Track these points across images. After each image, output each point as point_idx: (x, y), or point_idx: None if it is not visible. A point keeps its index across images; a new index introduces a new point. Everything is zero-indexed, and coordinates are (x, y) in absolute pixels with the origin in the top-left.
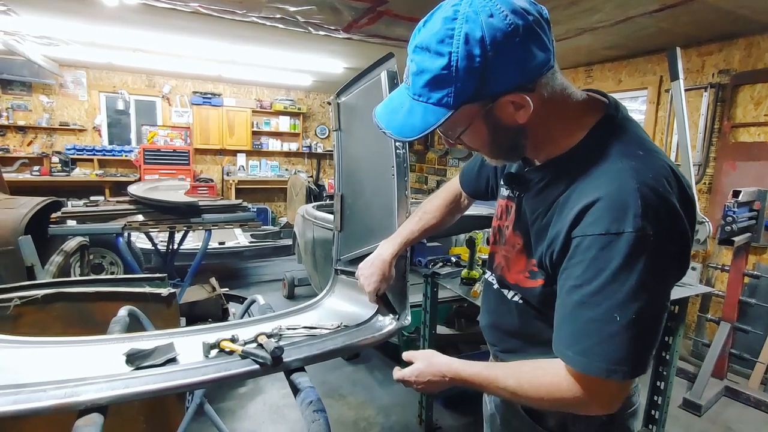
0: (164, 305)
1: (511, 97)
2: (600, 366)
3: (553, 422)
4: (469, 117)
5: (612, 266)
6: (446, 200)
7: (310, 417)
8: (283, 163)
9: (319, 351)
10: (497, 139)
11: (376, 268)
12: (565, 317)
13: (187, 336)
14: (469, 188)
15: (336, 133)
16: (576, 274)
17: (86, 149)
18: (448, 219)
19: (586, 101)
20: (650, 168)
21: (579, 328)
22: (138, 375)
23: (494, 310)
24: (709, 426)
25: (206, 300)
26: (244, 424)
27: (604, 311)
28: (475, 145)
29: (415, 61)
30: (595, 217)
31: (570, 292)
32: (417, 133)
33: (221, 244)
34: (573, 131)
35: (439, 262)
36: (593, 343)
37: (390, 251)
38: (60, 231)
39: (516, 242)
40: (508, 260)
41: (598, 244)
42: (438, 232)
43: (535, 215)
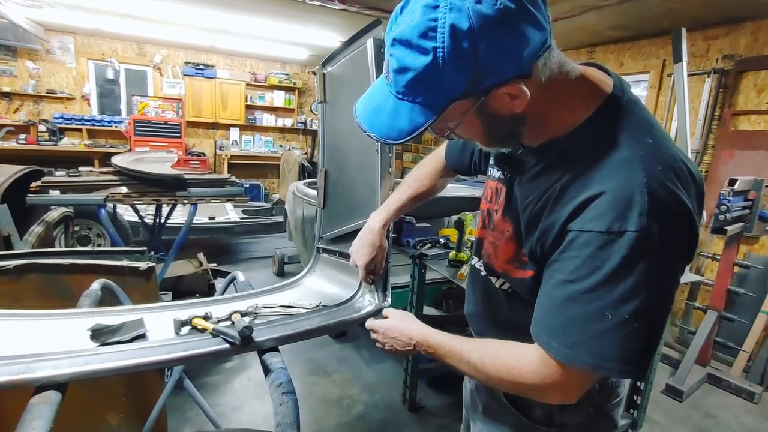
0: (143, 279)
1: (506, 88)
2: (586, 359)
3: (540, 413)
4: (460, 112)
5: (609, 266)
6: (435, 167)
7: (279, 399)
8: (278, 139)
9: (294, 331)
10: (493, 130)
11: (366, 239)
12: (551, 309)
13: (159, 312)
14: (452, 161)
15: (321, 105)
16: (569, 269)
17: (75, 118)
18: (438, 185)
19: (586, 78)
20: (659, 159)
21: (567, 322)
22: (100, 351)
23: (481, 298)
24: (689, 411)
25: (192, 275)
26: (228, 398)
27: (596, 309)
28: (469, 136)
29: (396, 57)
30: (597, 212)
31: (560, 285)
32: (405, 135)
33: (211, 219)
34: (573, 112)
35: (428, 243)
36: (581, 338)
37: (378, 220)
38: (38, 201)
39: (505, 229)
40: (496, 248)
41: (597, 242)
42: (428, 198)
43: (526, 202)
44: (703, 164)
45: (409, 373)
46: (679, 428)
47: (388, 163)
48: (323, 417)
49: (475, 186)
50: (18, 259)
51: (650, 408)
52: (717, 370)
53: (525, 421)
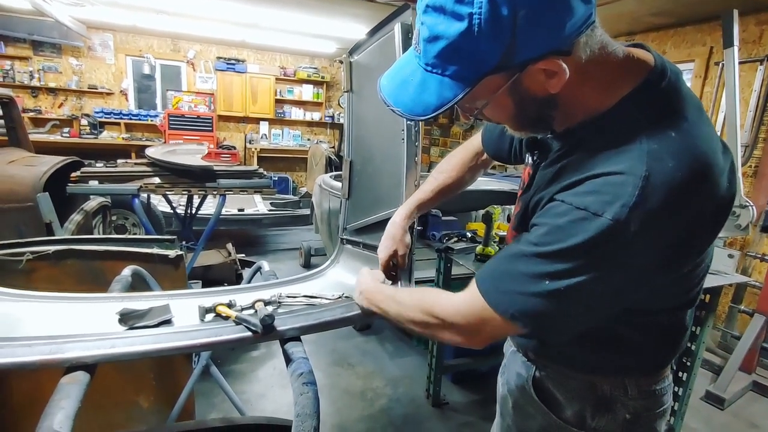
0: (172, 267)
1: (543, 64)
2: (508, 308)
3: (570, 413)
4: (491, 89)
5: (571, 242)
6: (464, 159)
7: (300, 389)
8: (306, 133)
9: (315, 321)
10: (523, 112)
11: (387, 232)
12: (502, 259)
13: (186, 298)
14: (491, 148)
15: (347, 94)
16: (536, 234)
17: (113, 113)
18: (467, 178)
19: (629, 61)
20: (677, 156)
21: (508, 273)
22: (127, 335)
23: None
24: (731, 420)
25: (221, 264)
26: (253, 386)
27: (538, 272)
28: (497, 118)
29: (427, 25)
30: (587, 189)
31: (521, 243)
32: (431, 111)
33: (240, 211)
34: (607, 97)
35: (454, 237)
36: (513, 289)
37: (401, 214)
38: (77, 190)
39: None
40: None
41: (571, 216)
42: (456, 192)
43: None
44: (754, 158)
45: (433, 368)
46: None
47: (414, 152)
48: (345, 409)
49: (504, 180)
50: (57, 245)
51: (688, 414)
52: (763, 378)
53: (555, 419)
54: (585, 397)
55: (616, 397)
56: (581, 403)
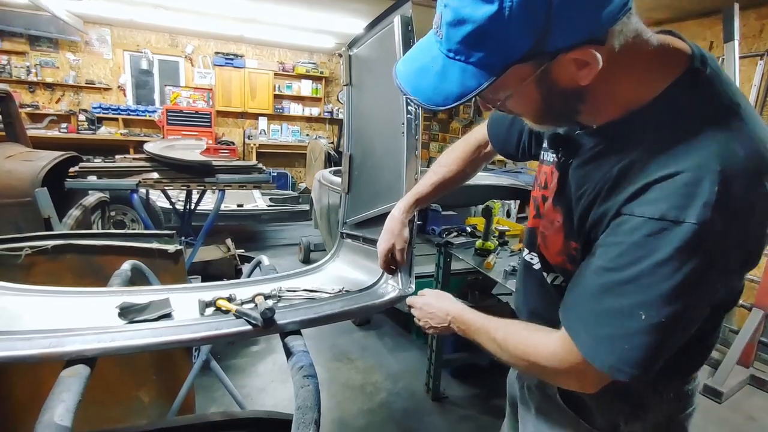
0: (171, 262)
1: (576, 53)
2: (606, 360)
3: (602, 420)
4: (518, 79)
5: (655, 258)
6: (465, 152)
7: (300, 382)
8: (304, 128)
9: (316, 315)
10: (549, 104)
11: (386, 226)
12: (585, 296)
13: (185, 293)
14: (497, 142)
15: (347, 88)
16: (609, 256)
17: (111, 108)
18: (467, 172)
19: (664, 49)
20: (744, 145)
21: (598, 313)
22: (127, 329)
23: (534, 295)
24: (728, 413)
25: (220, 260)
26: (253, 381)
27: (630, 305)
28: (520, 110)
29: (452, 7)
30: (656, 196)
31: (598, 272)
32: (452, 100)
33: (239, 207)
34: (644, 88)
35: (454, 232)
36: (608, 333)
37: (400, 208)
38: (76, 185)
39: (555, 219)
40: (546, 238)
41: (646, 229)
42: (456, 186)
43: (582, 190)
44: None
45: (433, 363)
46: (716, 431)
47: (414, 146)
48: (345, 403)
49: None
50: (56, 239)
51: None
52: (761, 371)
53: (586, 426)
54: (618, 404)
55: (651, 401)
56: (614, 409)
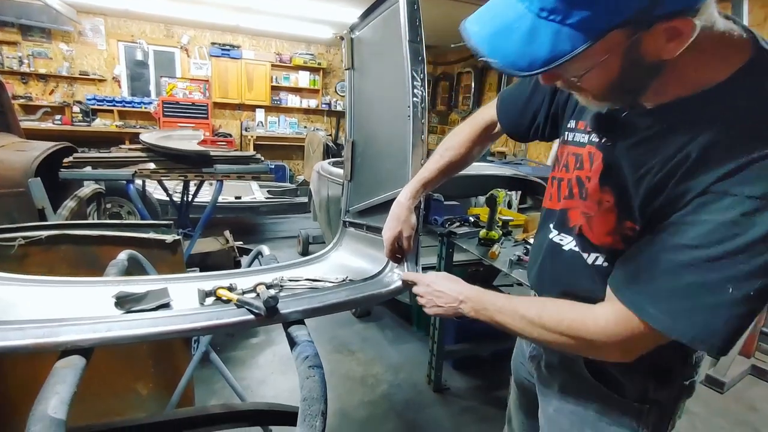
0: (169, 252)
1: (675, 22)
2: (688, 332)
3: (632, 390)
4: (607, 48)
5: (751, 236)
6: (472, 134)
7: (305, 372)
8: (302, 120)
9: (320, 304)
10: (623, 79)
11: (393, 213)
12: (655, 272)
13: (184, 282)
14: (509, 122)
15: (348, 72)
16: (693, 234)
17: (106, 100)
18: (474, 154)
19: (729, 31)
20: None
21: (674, 288)
22: (124, 318)
23: (567, 276)
24: (731, 404)
25: (219, 251)
26: (253, 373)
27: (718, 280)
28: (589, 85)
29: None
30: (755, 175)
31: (676, 250)
32: (539, 65)
33: (237, 199)
34: (716, 69)
35: (456, 222)
36: (688, 308)
37: (406, 193)
38: (70, 175)
39: (603, 199)
40: (591, 219)
41: (743, 207)
42: (462, 169)
43: (644, 169)
44: None
45: (435, 354)
46: (719, 420)
47: (420, 130)
48: (346, 395)
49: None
50: (49, 230)
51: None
52: (762, 362)
53: (615, 397)
54: (648, 373)
55: (677, 368)
56: (644, 379)
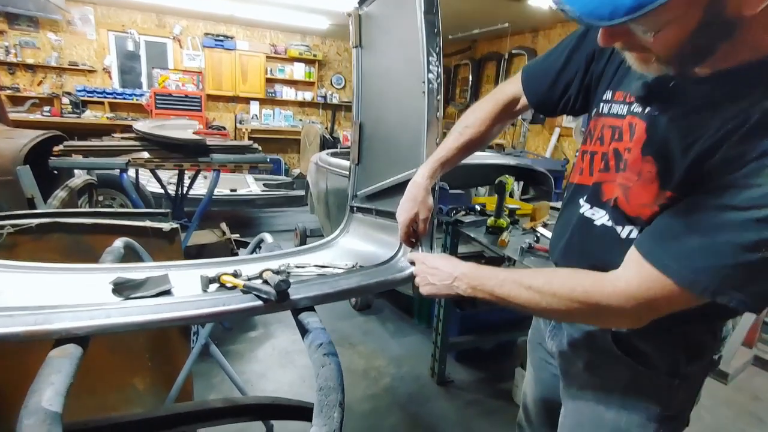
0: (167, 241)
1: None
2: (709, 286)
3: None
4: (690, 2)
5: None
6: (493, 110)
7: (320, 360)
8: (297, 113)
9: (331, 290)
10: (696, 39)
11: (409, 194)
12: (692, 233)
13: (185, 269)
14: (536, 95)
15: (356, 50)
16: (744, 197)
17: (96, 91)
18: (494, 132)
19: None
20: None
21: (707, 247)
22: (124, 305)
23: (600, 251)
24: (734, 394)
25: (216, 243)
26: (252, 366)
27: (753, 240)
28: (660, 44)
29: None
30: None
31: (718, 211)
32: (623, 13)
33: (233, 191)
34: None
35: (462, 211)
36: (720, 265)
37: (423, 173)
38: (60, 163)
39: (645, 169)
40: (628, 191)
41: None
42: (481, 148)
43: (692, 137)
44: None
45: (439, 346)
46: (724, 411)
47: (436, 107)
48: (349, 388)
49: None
50: (40, 218)
51: None
52: (764, 352)
53: (645, 371)
54: (678, 348)
55: (707, 342)
56: (674, 353)
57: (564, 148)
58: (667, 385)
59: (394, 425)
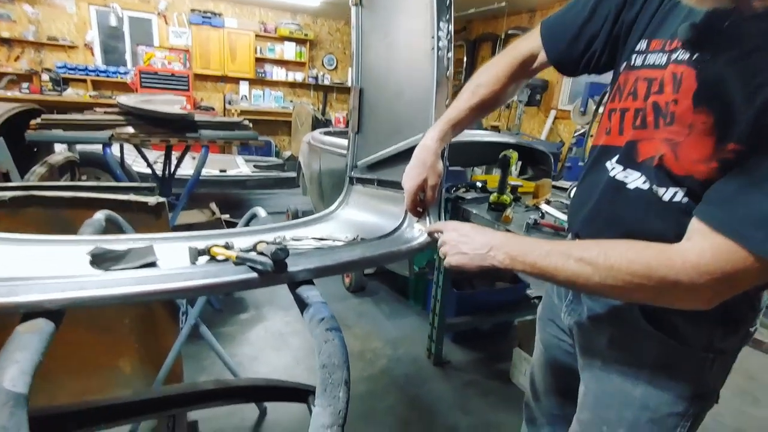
0: (153, 216)
1: None
2: None
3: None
4: None
5: None
6: (509, 68)
7: (323, 336)
8: (288, 95)
9: (333, 262)
10: None
11: (416, 159)
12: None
13: (172, 242)
14: (556, 50)
15: (355, 8)
16: None
17: (78, 68)
18: (509, 92)
19: None
20: None
21: None
22: (101, 277)
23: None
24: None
25: (205, 223)
26: (244, 349)
27: None
28: None
29: None
30: None
31: None
32: None
33: (222, 172)
34: None
35: (462, 188)
36: None
37: (433, 136)
38: (38, 136)
39: (698, 121)
40: (677, 146)
41: None
42: (494, 109)
43: (759, 79)
44: None
45: (436, 327)
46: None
47: (446, 65)
48: None
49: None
50: (15, 191)
51: None
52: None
53: (677, 346)
54: (715, 321)
55: (745, 314)
56: (710, 327)
57: (559, 131)
58: (701, 360)
59: (391, 406)
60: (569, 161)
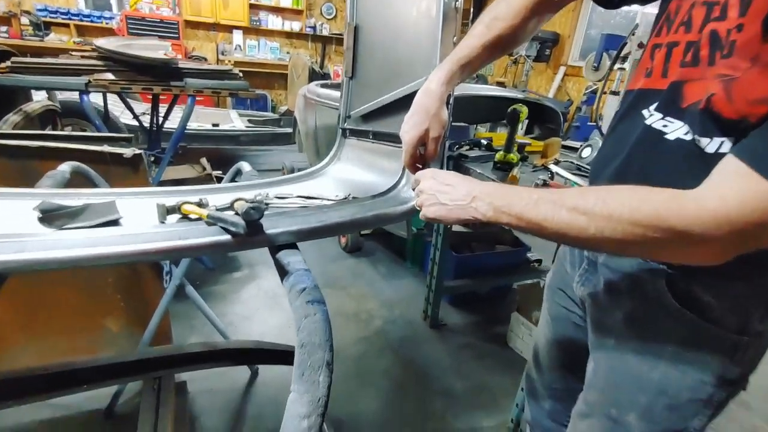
0: (129, 169)
1: None
2: None
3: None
4: None
5: None
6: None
7: (303, 310)
8: (284, 45)
9: (319, 223)
10: None
11: (418, 105)
12: None
13: (139, 198)
14: None
15: None
16: None
17: (60, 11)
18: (531, 28)
19: None
20: None
21: None
22: (48, 237)
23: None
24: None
25: (195, 179)
26: (236, 308)
27: None
28: None
29: None
30: None
31: None
32: None
33: (215, 126)
34: None
35: (466, 145)
36: None
37: (438, 78)
38: (7, 81)
39: (763, 52)
40: (733, 83)
41: None
42: (513, 47)
43: None
44: None
45: (433, 290)
46: None
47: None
48: (339, 330)
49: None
50: None
51: None
52: None
53: (707, 327)
54: (754, 302)
55: None
56: (748, 308)
57: (568, 89)
58: (734, 343)
59: (386, 368)
60: (578, 120)
